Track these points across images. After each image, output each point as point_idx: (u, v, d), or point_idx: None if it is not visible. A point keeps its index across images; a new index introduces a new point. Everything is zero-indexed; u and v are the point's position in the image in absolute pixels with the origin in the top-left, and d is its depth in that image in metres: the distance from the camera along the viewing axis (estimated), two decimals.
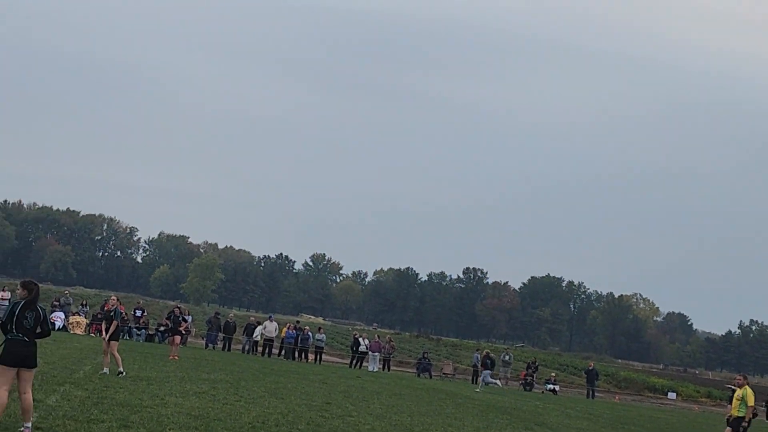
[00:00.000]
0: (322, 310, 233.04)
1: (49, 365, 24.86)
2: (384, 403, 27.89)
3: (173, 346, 38.12)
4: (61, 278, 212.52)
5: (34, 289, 14.15)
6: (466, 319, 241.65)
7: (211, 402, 21.21)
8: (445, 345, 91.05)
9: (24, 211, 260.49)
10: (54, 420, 15.22)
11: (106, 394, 20.01)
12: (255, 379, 31.18)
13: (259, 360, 47.47)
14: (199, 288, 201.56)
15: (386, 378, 45.19)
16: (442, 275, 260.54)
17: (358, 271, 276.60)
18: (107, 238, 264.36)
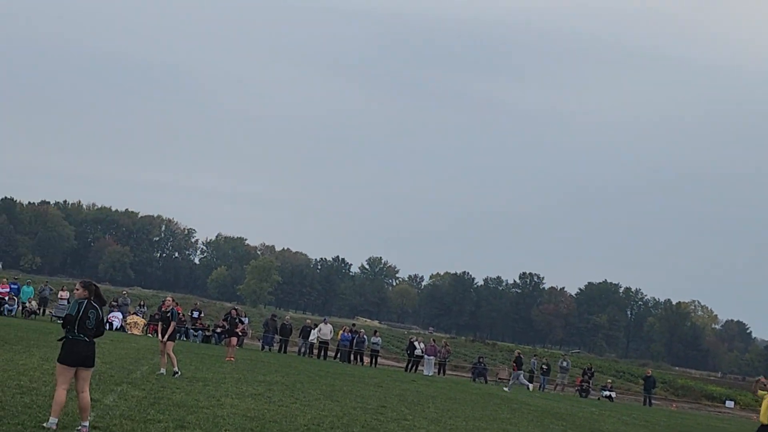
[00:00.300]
0: (377, 314, 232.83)
1: (107, 365, 25.05)
2: (439, 408, 27.87)
3: (230, 348, 38.27)
4: (119, 279, 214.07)
5: (93, 288, 14.24)
6: (522, 324, 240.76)
7: (267, 404, 21.28)
8: (501, 350, 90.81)
9: (83, 212, 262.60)
10: (111, 419, 15.33)
11: (162, 394, 20.13)
12: (310, 381, 31.25)
13: (315, 362, 47.55)
14: (256, 290, 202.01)
15: (441, 382, 45.12)
16: (498, 280, 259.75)
17: (415, 274, 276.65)
18: (165, 239, 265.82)
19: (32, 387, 18.02)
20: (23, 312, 52.31)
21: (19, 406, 15.28)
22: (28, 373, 20.56)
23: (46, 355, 25.77)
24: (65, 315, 13.89)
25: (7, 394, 16.48)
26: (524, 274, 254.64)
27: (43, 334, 36.16)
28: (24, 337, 33.12)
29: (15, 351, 26.05)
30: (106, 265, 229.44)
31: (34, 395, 16.88)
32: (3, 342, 28.82)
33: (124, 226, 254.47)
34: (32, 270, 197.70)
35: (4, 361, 22.58)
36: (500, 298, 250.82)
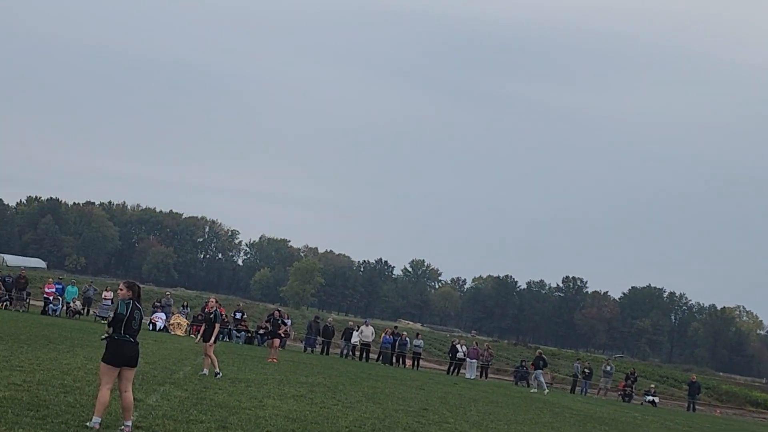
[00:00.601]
0: (420, 316, 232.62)
1: (150, 365, 25.16)
2: (481, 411, 27.83)
3: (272, 349, 38.35)
4: (162, 279, 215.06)
5: (137, 289, 14.30)
6: (564, 328, 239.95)
7: (309, 405, 21.32)
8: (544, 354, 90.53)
9: (127, 213, 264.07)
10: (154, 419, 15.39)
11: (205, 395, 20.20)
12: (352, 383, 31.27)
13: (357, 364, 47.60)
14: (299, 292, 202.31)
15: (484, 385, 45.07)
16: (541, 284, 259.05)
17: (457, 277, 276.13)
18: (209, 240, 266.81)
19: (76, 386, 18.12)
20: (68, 312, 52.61)
21: (63, 405, 15.37)
22: (72, 372, 20.67)
23: (90, 354, 25.92)
24: (115, 314, 13.92)
25: (51, 393, 16.58)
26: (567, 278, 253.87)
27: (87, 334, 36.37)
28: (68, 336, 33.33)
29: (59, 350, 26.21)
30: (150, 266, 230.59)
31: (78, 394, 16.97)
32: (48, 341, 29.01)
33: (168, 227, 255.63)
34: (77, 270, 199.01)
35: (49, 360, 22.72)
36: (543, 301, 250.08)
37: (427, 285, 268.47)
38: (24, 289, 53.91)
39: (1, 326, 33.18)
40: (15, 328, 33.20)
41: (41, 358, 23.06)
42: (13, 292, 52.79)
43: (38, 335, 31.41)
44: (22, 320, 40.25)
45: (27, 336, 30.13)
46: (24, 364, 20.79)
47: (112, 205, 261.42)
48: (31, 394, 16.11)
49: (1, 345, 25.01)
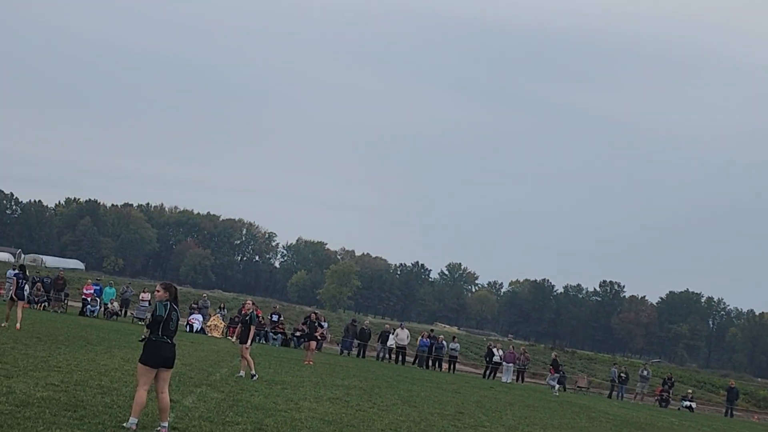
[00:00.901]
0: (456, 320, 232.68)
1: (187, 367, 25.25)
2: (517, 415, 27.78)
3: (309, 351, 38.41)
4: (200, 281, 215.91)
5: (173, 291, 14.36)
6: (601, 332, 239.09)
7: (345, 408, 21.34)
8: (580, 358, 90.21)
9: (165, 215, 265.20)
10: (190, 421, 15.45)
11: (241, 396, 20.25)
12: (388, 386, 31.29)
13: (393, 367, 47.62)
14: (336, 294, 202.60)
15: (520, 389, 44.98)
16: (578, 288, 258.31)
17: (494, 281, 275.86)
18: (246, 242, 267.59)
19: (113, 387, 18.21)
20: (105, 313, 52.86)
21: (100, 406, 15.45)
22: (110, 373, 20.77)
23: (127, 355, 26.04)
24: (153, 316, 13.98)
25: (88, 394, 16.67)
26: (604, 282, 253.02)
27: (125, 335, 36.54)
28: (105, 337, 33.50)
29: (97, 351, 26.35)
30: (188, 268, 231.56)
31: (115, 395, 17.05)
32: (85, 342, 29.16)
33: (206, 229, 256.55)
34: (114, 271, 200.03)
35: (86, 361, 22.84)
36: (580, 306, 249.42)
37: (464, 288, 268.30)
38: (62, 290, 54.21)
39: (40, 327, 33.36)
40: (53, 329, 33.38)
41: (79, 358, 23.18)
42: (51, 293, 53.09)
43: (76, 336, 31.57)
44: (60, 321, 40.47)
45: (65, 337, 30.29)
46: (62, 365, 20.90)
47: (150, 207, 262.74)
48: (69, 395, 16.20)
49: (40, 345, 25.16)
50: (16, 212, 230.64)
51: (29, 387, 16.38)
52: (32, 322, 35.76)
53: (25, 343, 25.12)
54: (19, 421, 12.92)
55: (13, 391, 15.64)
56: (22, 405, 14.32)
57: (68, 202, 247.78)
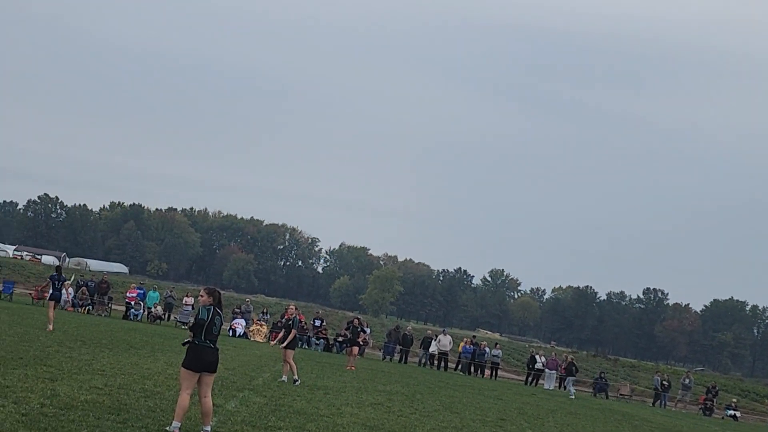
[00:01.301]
0: (499, 326, 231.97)
1: (229, 371, 25.34)
2: (559, 422, 27.69)
3: (351, 357, 38.45)
4: (243, 286, 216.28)
5: (217, 295, 14.41)
6: (644, 340, 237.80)
7: (387, 414, 21.34)
8: (623, 366, 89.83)
9: (209, 219, 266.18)
10: (232, 425, 15.50)
11: (283, 401, 20.30)
12: (430, 392, 31.27)
13: (435, 373, 47.58)
14: (378, 300, 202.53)
15: (562, 397, 44.82)
16: (621, 295, 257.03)
17: (537, 287, 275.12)
18: (289, 247, 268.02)
19: (156, 391, 18.29)
20: (149, 317, 53.13)
21: (143, 410, 15.53)
22: (153, 377, 20.86)
23: (171, 359, 26.15)
24: (197, 320, 14.05)
25: (132, 398, 16.76)
26: (648, 290, 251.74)
27: (168, 339, 36.70)
28: (149, 341, 33.65)
29: (140, 355, 26.47)
30: (231, 273, 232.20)
31: (158, 399, 17.13)
32: (129, 346, 29.31)
33: (249, 234, 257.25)
34: (158, 276, 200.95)
35: (130, 365, 22.96)
36: (623, 313, 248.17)
37: (506, 295, 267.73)
38: (106, 294, 54.53)
39: (84, 330, 33.58)
40: (97, 333, 33.59)
41: (122, 362, 23.31)
42: (95, 297, 53.45)
43: (120, 340, 31.75)
44: (104, 325, 40.71)
45: (108, 340, 30.47)
46: (105, 368, 21.02)
47: (194, 212, 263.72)
48: (113, 398, 16.29)
49: (84, 349, 25.31)
50: (62, 216, 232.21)
51: (73, 390, 16.49)
52: (76, 325, 36.02)
53: (69, 347, 25.29)
54: (63, 424, 13.01)
55: (58, 394, 15.75)
56: (66, 408, 14.42)
57: (113, 206, 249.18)
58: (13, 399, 14.48)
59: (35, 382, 16.71)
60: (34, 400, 14.73)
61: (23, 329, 29.05)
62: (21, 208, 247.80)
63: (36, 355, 21.58)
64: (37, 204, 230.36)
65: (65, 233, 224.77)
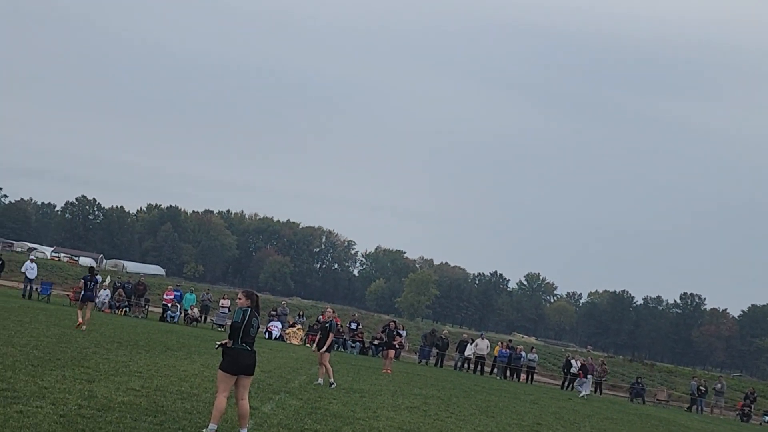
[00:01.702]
0: (534, 330, 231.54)
1: (266, 373, 25.36)
2: (595, 427, 27.58)
3: (387, 360, 38.44)
4: (279, 288, 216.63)
5: (255, 298, 14.42)
6: (681, 345, 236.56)
7: (423, 417, 21.32)
8: (660, 371, 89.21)
9: (245, 222, 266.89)
10: (269, 428, 15.51)
11: (319, 404, 20.30)
12: (466, 396, 31.22)
13: (471, 377, 47.52)
14: (414, 303, 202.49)
15: (598, 401, 44.65)
16: (658, 299, 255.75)
17: (573, 292, 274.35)
18: (325, 250, 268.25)
19: (193, 393, 18.33)
20: (185, 319, 53.29)
21: (180, 412, 15.56)
22: (189, 379, 20.92)
23: (207, 362, 26.21)
24: (233, 323, 14.07)
25: (168, 400, 16.79)
26: (685, 295, 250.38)
27: (204, 342, 36.78)
28: (185, 343, 33.74)
29: (177, 357, 26.54)
30: (267, 275, 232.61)
31: (195, 401, 17.17)
32: (165, 348, 29.40)
33: (285, 237, 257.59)
34: (194, 278, 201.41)
35: (167, 367, 23.02)
36: (660, 318, 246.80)
37: (542, 299, 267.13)
38: (143, 296, 54.74)
39: (121, 332, 33.72)
40: (134, 334, 33.71)
41: (159, 364, 23.37)
42: (132, 299, 53.66)
43: (156, 341, 31.85)
44: (141, 326, 40.86)
45: (145, 342, 30.57)
46: (142, 370, 21.09)
47: (231, 214, 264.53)
48: (149, 400, 16.34)
49: (121, 351, 25.41)
50: (99, 218, 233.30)
51: (110, 392, 16.55)
52: (113, 327, 36.17)
53: (107, 348, 25.39)
54: (100, 425, 13.05)
55: (95, 395, 15.81)
56: (103, 409, 14.48)
57: (150, 209, 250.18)
58: (50, 400, 14.55)
59: (73, 384, 16.79)
60: (72, 401, 14.79)
61: (61, 330, 29.18)
62: (59, 210, 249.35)
63: (73, 356, 21.68)
64: (74, 206, 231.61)
65: (102, 235, 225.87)
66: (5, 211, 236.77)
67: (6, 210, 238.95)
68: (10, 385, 15.48)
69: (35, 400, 14.29)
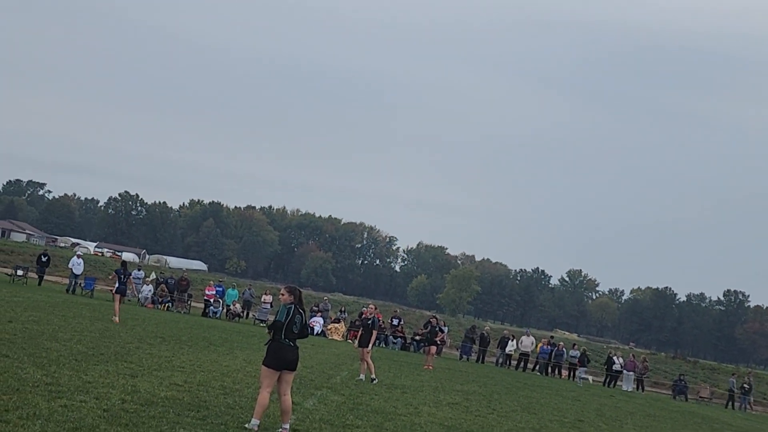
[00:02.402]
0: (576, 327, 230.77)
1: (308, 369, 25.40)
2: (638, 425, 27.47)
3: (428, 356, 38.42)
4: (321, 284, 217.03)
5: (298, 294, 14.44)
6: (724, 342, 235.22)
7: (464, 413, 21.31)
8: (702, 368, 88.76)
9: (287, 217, 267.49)
10: (311, 423, 15.55)
11: (361, 400, 20.33)
12: (507, 392, 31.17)
13: (512, 373, 47.42)
14: (455, 299, 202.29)
15: (640, 399, 44.45)
16: (701, 296, 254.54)
17: (615, 288, 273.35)
18: (367, 246, 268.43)
19: (235, 388, 18.39)
20: (227, 314, 53.43)
21: (222, 407, 15.61)
22: (232, 374, 20.98)
23: (250, 357, 26.29)
24: (274, 321, 14.11)
25: (211, 395, 16.86)
26: (728, 292, 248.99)
27: (247, 337, 36.87)
28: (228, 339, 33.83)
29: (219, 353, 26.63)
30: (309, 271, 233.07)
31: (237, 396, 17.22)
32: (208, 343, 29.50)
33: (327, 233, 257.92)
34: (237, 273, 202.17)
35: (209, 362, 23.10)
36: (703, 315, 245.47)
37: (584, 295, 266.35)
38: (185, 291, 54.90)
39: (164, 327, 33.87)
40: (176, 330, 33.85)
41: (202, 359, 23.47)
42: (175, 294, 53.87)
43: (199, 337, 31.97)
44: (184, 322, 41.01)
45: (188, 337, 30.69)
46: (185, 365, 21.18)
47: (273, 210, 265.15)
48: (192, 395, 16.41)
49: (164, 346, 25.52)
50: (142, 213, 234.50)
51: (153, 387, 16.63)
52: (156, 322, 36.33)
53: (150, 343, 25.51)
54: (143, 420, 13.12)
55: (138, 390, 15.89)
56: (146, 404, 14.55)
57: (192, 204, 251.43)
58: (94, 395, 14.64)
59: (116, 378, 16.88)
60: (115, 396, 14.87)
61: (104, 325, 29.34)
62: (102, 206, 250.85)
63: (117, 351, 21.80)
64: (117, 201, 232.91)
65: (145, 230, 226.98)
66: (49, 207, 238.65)
67: (50, 206, 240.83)
68: (54, 379, 15.58)
69: (79, 395, 14.38)
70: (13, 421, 11.47)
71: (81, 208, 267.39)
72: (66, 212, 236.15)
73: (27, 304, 32.96)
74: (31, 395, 13.65)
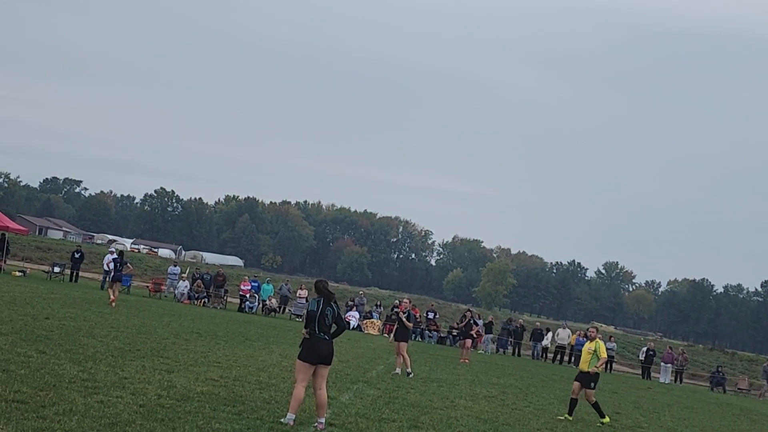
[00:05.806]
0: (613, 319, 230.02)
1: (343, 363, 25.42)
2: (675, 416, 27.36)
3: (464, 350, 38.38)
4: (356, 278, 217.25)
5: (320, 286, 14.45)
6: (762, 333, 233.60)
7: (501, 407, 21.27)
8: (741, 359, 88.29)
9: (322, 212, 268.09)
10: (347, 417, 15.55)
11: (397, 394, 20.32)
12: (544, 385, 31.13)
13: (548, 366, 47.34)
14: (491, 292, 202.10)
15: (678, 390, 44.28)
16: (738, 288, 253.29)
17: (651, 280, 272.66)
18: (402, 240, 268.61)
19: (271, 383, 18.41)
20: (263, 309, 53.53)
21: (258, 401, 15.64)
22: (268, 369, 21.01)
23: (285, 352, 26.33)
24: (307, 312, 14.17)
25: (247, 389, 16.89)
26: (766, 282, 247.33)
27: (282, 332, 36.94)
28: (264, 334, 33.89)
29: (255, 347, 26.68)
30: (344, 265, 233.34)
31: (273, 391, 17.24)
32: (244, 338, 29.56)
33: (363, 227, 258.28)
34: (272, 268, 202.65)
35: (245, 357, 23.14)
36: (740, 306, 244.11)
37: (621, 288, 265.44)
38: (221, 287, 55.00)
39: (200, 323, 33.97)
40: (212, 325, 33.93)
41: (238, 354, 23.51)
42: (211, 290, 54.00)
43: (235, 332, 32.03)
44: (220, 317, 41.11)
45: (224, 333, 30.76)
46: (221, 360, 21.23)
47: (308, 205, 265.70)
48: (228, 390, 16.45)
49: (200, 341, 25.59)
50: (178, 209, 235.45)
51: (190, 382, 16.68)
52: (192, 318, 36.45)
53: (186, 339, 25.59)
54: (179, 414, 13.16)
55: (174, 385, 15.94)
56: (182, 399, 14.59)
57: (228, 200, 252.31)
58: (131, 390, 14.70)
59: (152, 374, 16.94)
60: (151, 391, 14.93)
61: (141, 321, 29.45)
62: (138, 202, 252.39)
63: (153, 347, 21.87)
64: (153, 198, 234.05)
65: (181, 226, 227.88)
66: (86, 204, 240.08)
67: (86, 203, 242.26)
68: (91, 375, 15.65)
69: (115, 390, 14.44)
70: (49, 417, 11.52)
71: (117, 205, 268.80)
72: (102, 209, 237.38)
73: (64, 301, 33.12)
74: (68, 391, 13.73)
